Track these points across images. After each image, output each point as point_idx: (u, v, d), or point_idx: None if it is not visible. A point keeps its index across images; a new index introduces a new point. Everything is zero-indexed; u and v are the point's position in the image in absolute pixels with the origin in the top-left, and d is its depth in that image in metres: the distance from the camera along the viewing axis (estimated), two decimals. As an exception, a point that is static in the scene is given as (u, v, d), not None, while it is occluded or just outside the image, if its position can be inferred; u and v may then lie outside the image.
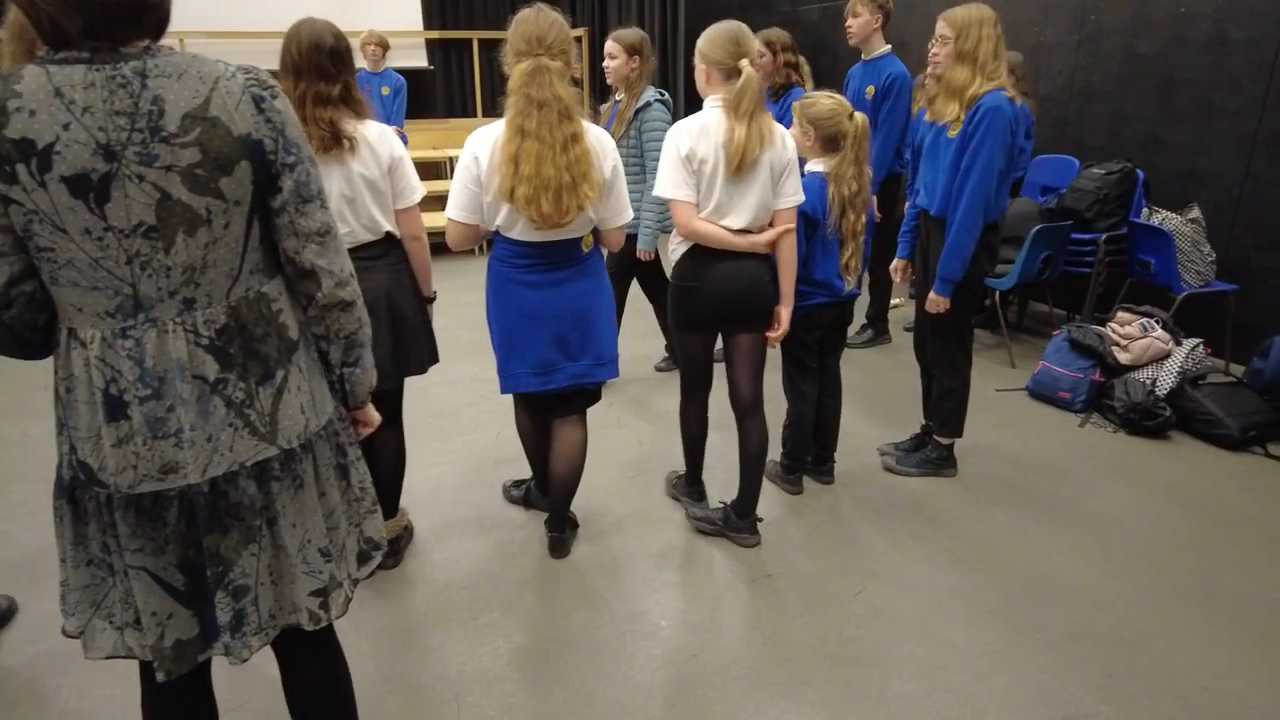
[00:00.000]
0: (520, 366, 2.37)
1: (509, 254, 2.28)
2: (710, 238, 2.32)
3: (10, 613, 2.38)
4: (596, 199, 2.17)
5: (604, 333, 2.41)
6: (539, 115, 2.08)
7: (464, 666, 2.15)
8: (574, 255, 2.30)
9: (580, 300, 2.33)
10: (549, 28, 2.13)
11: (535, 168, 2.08)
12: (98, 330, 1.17)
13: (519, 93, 2.10)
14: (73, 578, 1.32)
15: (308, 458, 1.34)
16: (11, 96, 1.07)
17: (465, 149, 2.19)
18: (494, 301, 2.38)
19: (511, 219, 2.19)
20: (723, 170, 2.25)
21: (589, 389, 2.47)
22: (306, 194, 1.26)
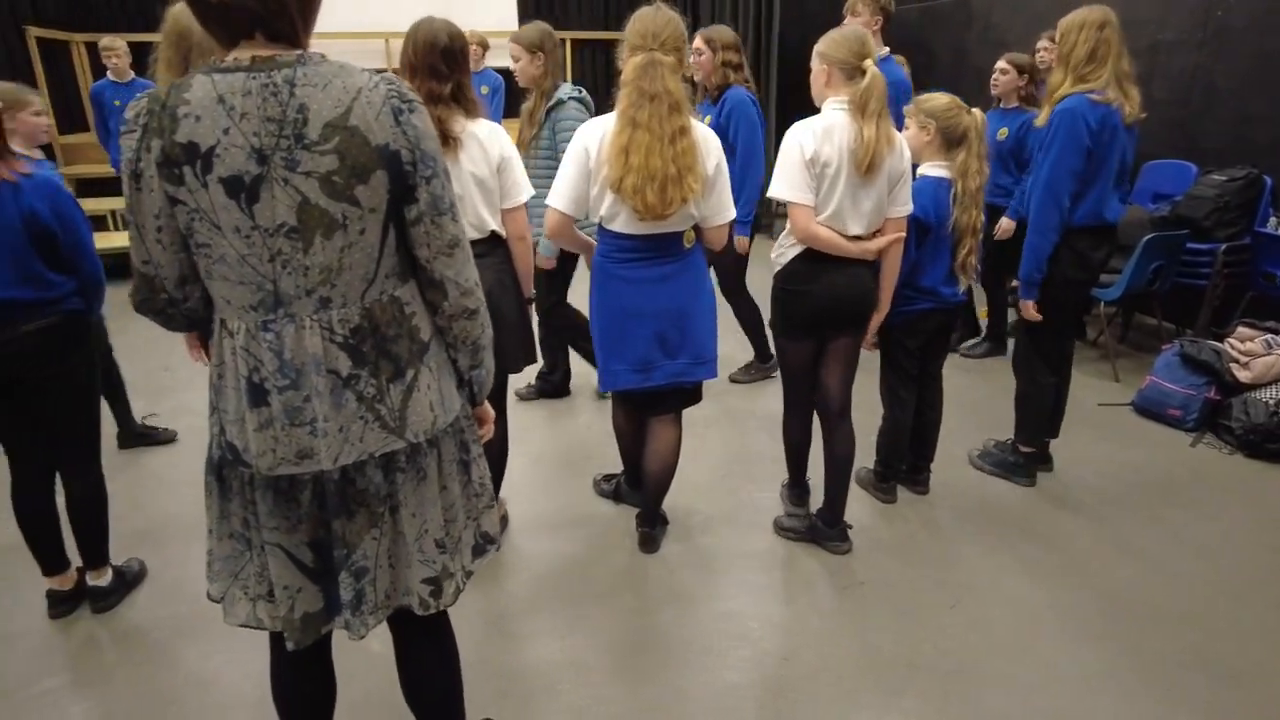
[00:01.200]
0: (619, 364, 2.41)
1: (611, 248, 2.32)
2: (828, 243, 2.31)
3: (140, 576, 2.57)
4: (700, 193, 2.20)
5: (704, 331, 2.42)
6: (650, 107, 2.13)
7: (556, 655, 2.21)
8: (675, 250, 2.33)
9: (681, 298, 2.36)
10: (664, 25, 2.21)
11: (644, 158, 2.12)
12: (243, 322, 1.26)
13: (632, 85, 2.16)
14: (217, 548, 1.41)
15: (433, 452, 1.40)
16: (182, 104, 1.16)
17: (575, 140, 2.25)
18: (596, 298, 2.42)
19: (614, 210, 2.24)
20: (846, 174, 2.24)
21: (687, 388, 2.49)
22: (441, 207, 1.31)
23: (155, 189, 1.19)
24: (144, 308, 1.32)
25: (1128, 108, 2.59)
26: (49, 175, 2.12)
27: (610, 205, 2.24)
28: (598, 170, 2.20)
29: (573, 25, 8.90)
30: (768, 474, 3.13)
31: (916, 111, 2.60)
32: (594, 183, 2.22)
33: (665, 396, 2.49)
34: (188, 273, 1.28)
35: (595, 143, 2.20)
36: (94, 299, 2.25)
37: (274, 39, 1.20)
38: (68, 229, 2.13)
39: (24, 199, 2.05)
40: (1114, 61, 2.57)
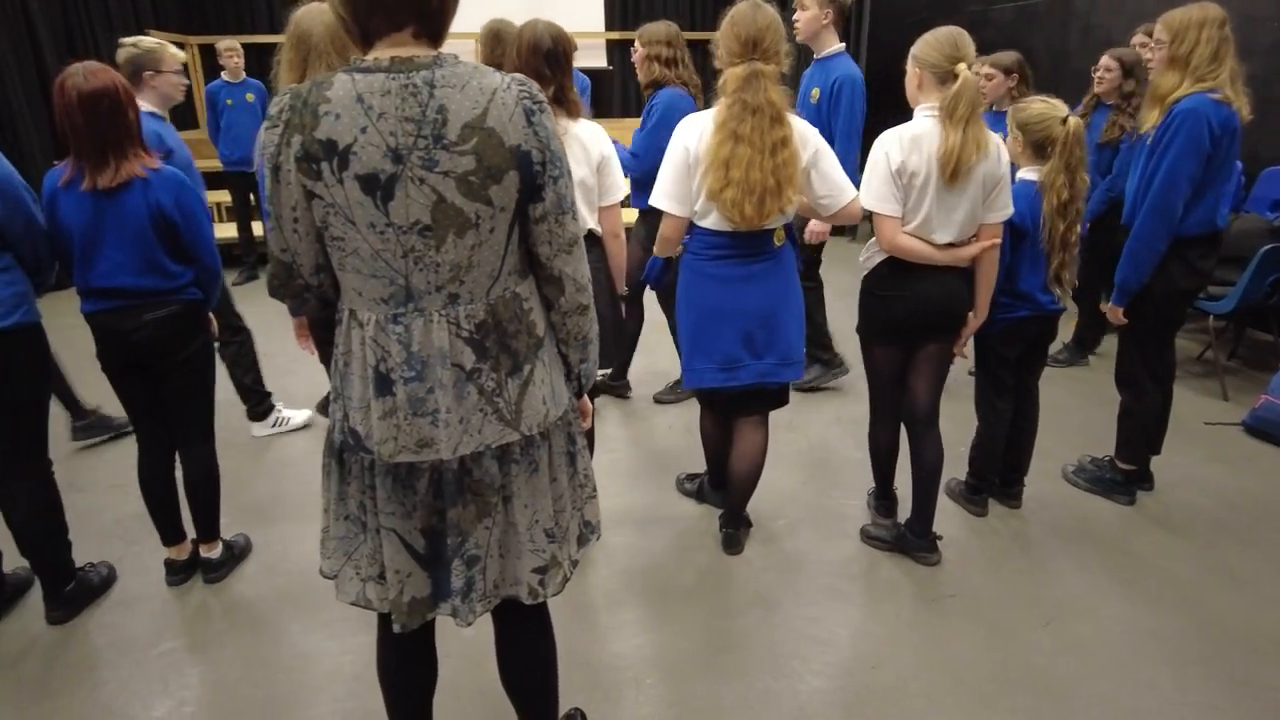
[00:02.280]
0: (705, 362, 2.41)
1: (701, 245, 2.33)
2: (914, 253, 2.28)
3: (246, 550, 2.71)
4: (797, 203, 2.20)
5: (791, 332, 2.41)
6: (752, 120, 2.13)
7: (643, 650, 2.24)
8: (766, 248, 2.32)
9: (770, 297, 2.35)
10: (765, 30, 2.17)
11: (745, 172, 2.13)
12: (373, 314, 1.31)
13: (733, 97, 2.15)
14: (333, 528, 1.47)
15: (545, 444, 1.44)
16: (323, 102, 1.21)
17: (675, 139, 2.26)
18: (684, 296, 2.44)
19: (707, 208, 2.25)
20: (934, 182, 2.20)
21: (773, 390, 2.48)
22: (564, 206, 1.34)
23: (293, 182, 1.25)
24: (280, 292, 1.39)
25: (1245, 110, 2.47)
26: (174, 170, 2.25)
27: (703, 203, 2.25)
28: (699, 179, 2.21)
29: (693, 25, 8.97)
30: (853, 481, 3.10)
31: (1011, 119, 2.54)
32: (690, 174, 2.24)
33: (751, 397, 2.49)
34: (322, 261, 1.33)
35: (694, 141, 2.21)
36: (211, 289, 2.38)
37: (421, 36, 1.25)
38: (189, 222, 2.25)
39: (152, 193, 2.17)
40: (1231, 61, 2.45)
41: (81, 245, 2.15)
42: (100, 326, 2.24)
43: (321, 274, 1.35)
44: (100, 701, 2.09)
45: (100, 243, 2.15)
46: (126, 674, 2.18)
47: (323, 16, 2.14)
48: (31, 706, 2.08)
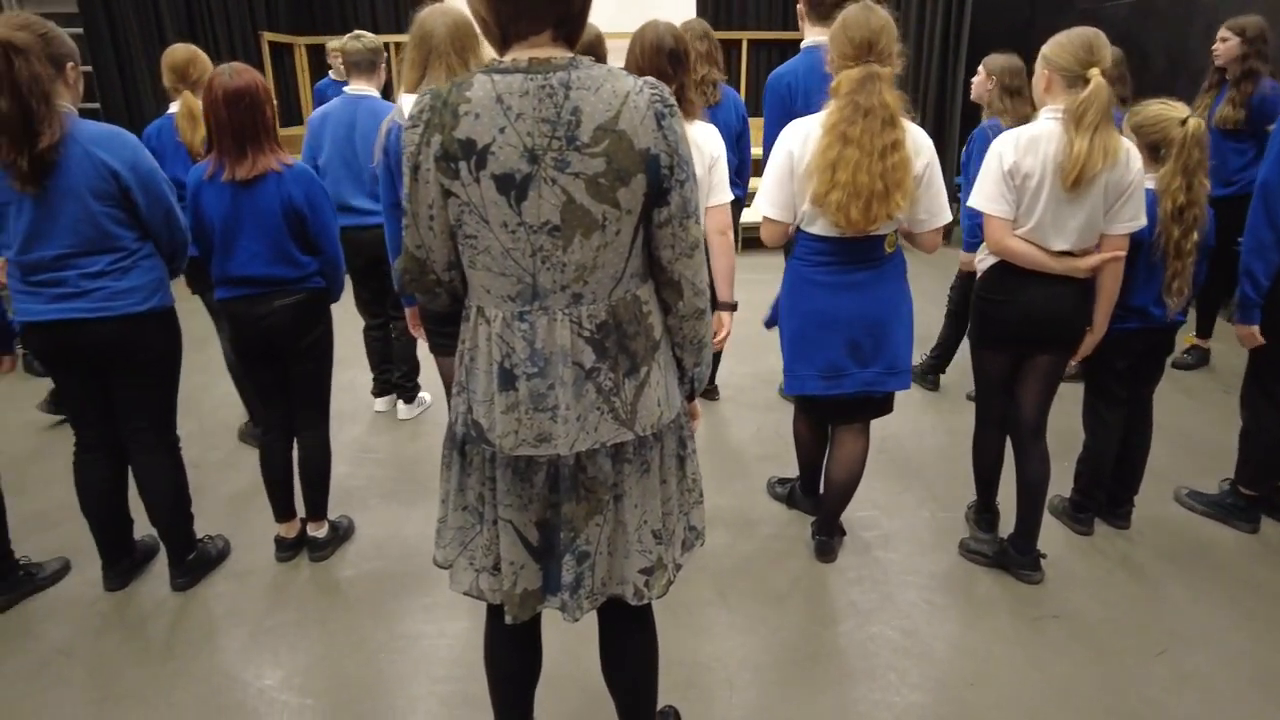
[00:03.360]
0: (808, 369, 2.38)
1: (808, 250, 2.30)
2: (1023, 257, 2.21)
3: (350, 532, 2.81)
4: (906, 209, 2.14)
5: (900, 341, 2.36)
6: (863, 123, 2.09)
7: (736, 652, 2.23)
8: (876, 255, 2.28)
9: (879, 305, 2.30)
10: (879, 31, 2.13)
11: (851, 175, 2.09)
12: (500, 311, 1.34)
13: (846, 98, 2.11)
14: (450, 518, 1.51)
15: (657, 446, 1.44)
16: (463, 102, 1.24)
17: (779, 144, 2.24)
18: (788, 301, 2.41)
19: (814, 214, 2.22)
20: (1049, 186, 2.12)
21: (877, 398, 2.44)
22: (689, 210, 1.35)
23: (431, 181, 1.28)
24: (412, 286, 1.44)
25: None
26: (305, 166, 2.36)
27: (810, 210, 2.22)
28: (803, 182, 2.18)
29: (749, 25, 8.89)
30: (949, 493, 3.02)
31: (1126, 122, 2.43)
32: (794, 181, 2.21)
33: (853, 405, 2.44)
34: (454, 259, 1.37)
35: (799, 146, 2.19)
36: (334, 279, 2.49)
37: (558, 38, 1.27)
38: (317, 214, 2.36)
39: (284, 186, 2.29)
40: None
41: (221, 235, 2.28)
42: (234, 313, 2.37)
43: (453, 271, 1.39)
44: (219, 667, 2.21)
45: (238, 233, 2.28)
46: (241, 643, 2.29)
47: (445, 18, 2.21)
48: (158, 666, 2.21)
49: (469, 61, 2.22)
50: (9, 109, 1.92)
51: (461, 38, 2.21)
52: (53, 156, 2.00)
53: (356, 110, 3.18)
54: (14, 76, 1.91)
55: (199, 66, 3.04)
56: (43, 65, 1.96)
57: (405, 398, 3.75)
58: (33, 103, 1.94)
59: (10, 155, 1.96)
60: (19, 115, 1.93)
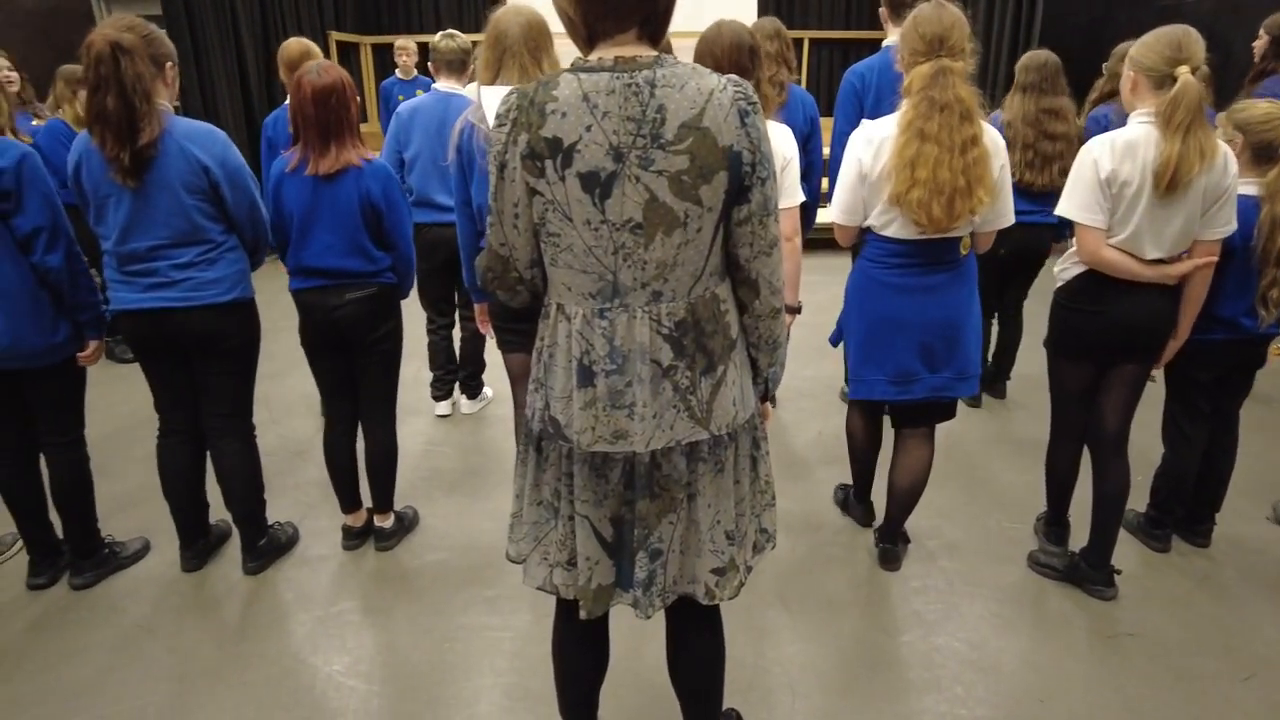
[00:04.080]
0: (876, 373, 2.34)
1: (882, 253, 2.26)
2: (1118, 268, 2.13)
3: (414, 523, 2.87)
4: (990, 204, 2.10)
5: (971, 345, 2.31)
6: (940, 118, 2.05)
7: (797, 657, 2.21)
8: (950, 257, 2.23)
9: (952, 309, 2.26)
10: (951, 27, 2.09)
11: (931, 172, 2.05)
12: (580, 308, 1.35)
13: (920, 95, 2.08)
14: (525, 513, 1.52)
15: (731, 446, 1.43)
16: (550, 100, 1.25)
17: (849, 150, 2.21)
18: (856, 302, 2.38)
19: (887, 217, 2.18)
20: (1148, 194, 2.05)
21: (944, 403, 2.39)
22: (769, 208, 1.34)
23: (517, 180, 1.29)
24: (494, 284, 1.45)
25: None
26: (384, 163, 2.42)
27: (882, 212, 2.19)
28: (880, 183, 2.15)
29: (811, 24, 8.80)
30: (1016, 503, 2.95)
31: (1226, 121, 2.33)
32: (870, 190, 2.19)
33: (920, 410, 2.40)
34: (536, 256, 1.38)
35: (869, 151, 2.15)
36: (406, 276, 2.54)
37: (643, 37, 1.27)
38: (392, 211, 2.41)
39: (363, 181, 2.34)
40: None
41: (299, 227, 2.35)
42: (305, 303, 2.43)
43: (535, 268, 1.40)
44: (288, 650, 2.27)
45: (315, 225, 2.34)
46: (309, 628, 2.35)
47: (519, 17, 2.23)
48: (231, 646, 2.28)
49: (542, 61, 2.24)
50: (115, 107, 2.00)
51: (535, 37, 2.23)
52: (151, 152, 2.08)
53: (447, 108, 3.22)
54: (120, 76, 2.00)
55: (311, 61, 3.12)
56: (145, 65, 2.04)
57: (469, 393, 3.80)
58: (136, 101, 2.02)
59: (114, 150, 2.05)
60: (124, 113, 2.02)
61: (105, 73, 1.99)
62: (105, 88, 2.00)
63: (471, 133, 2.26)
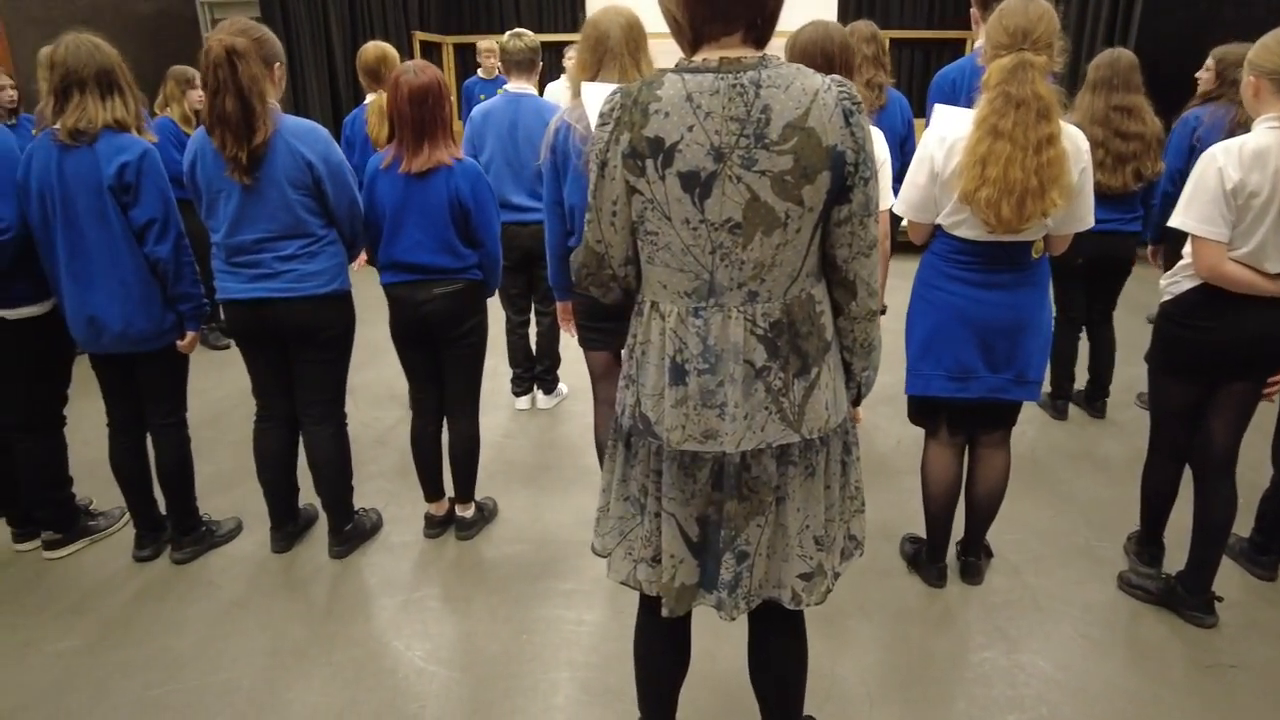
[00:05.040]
0: (934, 368, 2.27)
1: (950, 249, 2.20)
2: (1241, 284, 2.02)
3: (493, 514, 2.92)
4: (1064, 206, 2.02)
5: (1035, 350, 2.22)
6: (1015, 115, 1.98)
7: (875, 666, 2.17)
8: (1021, 260, 2.16)
9: (1018, 310, 2.18)
10: (1037, 20, 2.01)
11: (1003, 170, 1.98)
12: (675, 307, 1.35)
13: (996, 90, 2.01)
14: (612, 507, 1.54)
15: (823, 450, 1.42)
16: (654, 100, 1.26)
17: (922, 144, 2.16)
18: (920, 295, 2.31)
19: (958, 216, 2.12)
20: (1277, 205, 1.94)
21: (1004, 407, 2.31)
22: (870, 209, 1.33)
23: (617, 178, 1.31)
24: (588, 281, 1.47)
25: None
26: (474, 162, 2.47)
27: (952, 211, 2.13)
28: (950, 180, 2.09)
29: (894, 24, 8.63)
30: (1105, 520, 2.84)
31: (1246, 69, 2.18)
32: (940, 187, 2.13)
33: (986, 414, 2.32)
34: (632, 254, 1.40)
35: (941, 148, 2.09)
36: (491, 273, 2.59)
37: (748, 39, 1.28)
38: (480, 209, 2.46)
39: (454, 180, 2.40)
40: None
41: (391, 223, 2.42)
42: (396, 297, 2.50)
43: (629, 266, 1.42)
44: (373, 633, 2.34)
45: (406, 222, 2.40)
46: (392, 613, 2.42)
47: (619, 18, 2.25)
48: (319, 626, 2.37)
49: (640, 62, 2.26)
50: (232, 108, 2.11)
51: (635, 38, 2.25)
52: (263, 150, 2.17)
53: (518, 108, 3.28)
54: (237, 79, 2.10)
55: (388, 65, 3.24)
56: (258, 67, 2.13)
57: (545, 389, 3.86)
58: (253, 102, 2.12)
59: (233, 150, 2.15)
60: (240, 113, 2.12)
61: (223, 77, 2.09)
62: (223, 90, 2.10)
63: (568, 132, 2.29)
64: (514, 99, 3.33)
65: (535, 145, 3.23)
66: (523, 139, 3.26)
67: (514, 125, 3.28)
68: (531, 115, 3.25)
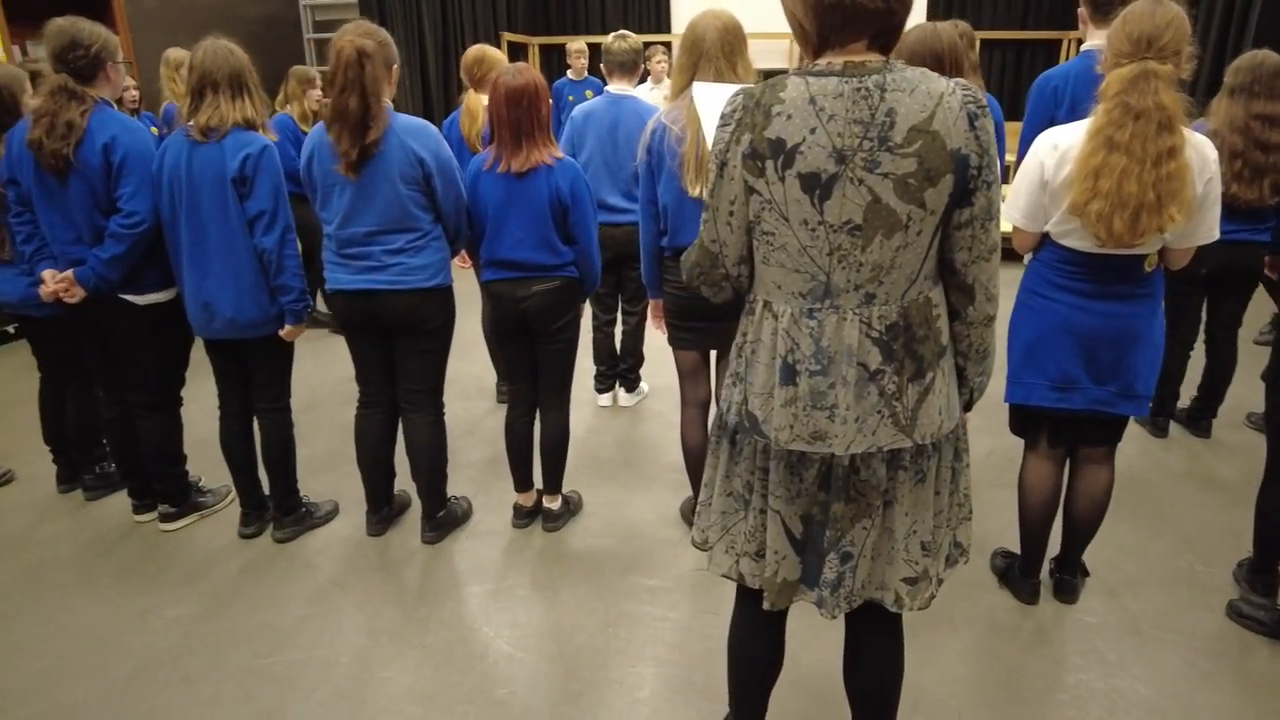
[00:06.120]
0: (1036, 377, 2.20)
1: (1058, 258, 2.13)
2: None
3: (579, 506, 2.98)
4: (1182, 222, 1.93)
5: (1144, 363, 2.13)
6: (1134, 126, 1.90)
7: (964, 680, 2.14)
8: (1134, 274, 2.08)
9: (1128, 323, 2.10)
10: (1165, 26, 1.92)
11: (1116, 184, 1.90)
12: (789, 307, 1.36)
13: (1115, 100, 1.93)
14: (715, 502, 1.55)
15: (935, 456, 1.41)
16: (776, 102, 1.27)
17: (1031, 152, 2.10)
18: (1024, 303, 2.24)
19: (1067, 226, 2.05)
20: None
21: (1109, 420, 2.22)
22: (992, 212, 1.32)
23: (736, 178, 1.33)
24: (701, 279, 1.49)
25: None
26: (573, 161, 2.52)
27: (1061, 221, 2.06)
28: (1060, 191, 2.02)
29: (985, 23, 8.41)
30: (1213, 546, 2.71)
31: None
32: (1050, 197, 2.07)
33: (1091, 426, 2.24)
34: (745, 254, 1.41)
35: (1053, 157, 2.03)
36: (588, 271, 2.63)
37: (873, 45, 1.27)
38: (579, 207, 2.51)
39: (554, 178, 2.45)
40: None
41: (493, 221, 2.49)
42: (495, 292, 2.57)
43: (743, 265, 1.43)
44: (464, 618, 2.41)
45: (508, 220, 2.47)
46: (482, 600, 2.49)
47: (716, 21, 2.27)
48: (412, 609, 2.45)
49: (737, 65, 2.27)
50: (356, 106, 2.21)
51: (732, 41, 2.27)
52: (374, 147, 2.27)
53: (619, 110, 3.31)
54: (363, 79, 2.20)
55: (483, 66, 3.33)
56: (381, 68, 2.24)
57: (627, 386, 3.90)
58: (371, 101, 2.22)
59: (346, 145, 2.25)
60: (361, 112, 2.22)
61: (351, 76, 2.19)
62: (350, 89, 2.20)
63: (664, 133, 2.32)
64: (615, 100, 3.36)
65: (633, 147, 3.27)
66: (622, 140, 3.29)
67: (614, 126, 3.31)
68: (632, 117, 3.28)
